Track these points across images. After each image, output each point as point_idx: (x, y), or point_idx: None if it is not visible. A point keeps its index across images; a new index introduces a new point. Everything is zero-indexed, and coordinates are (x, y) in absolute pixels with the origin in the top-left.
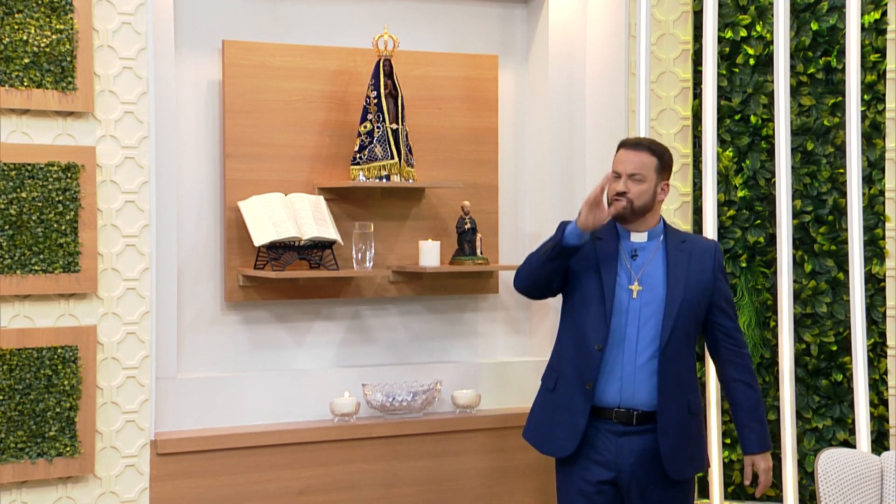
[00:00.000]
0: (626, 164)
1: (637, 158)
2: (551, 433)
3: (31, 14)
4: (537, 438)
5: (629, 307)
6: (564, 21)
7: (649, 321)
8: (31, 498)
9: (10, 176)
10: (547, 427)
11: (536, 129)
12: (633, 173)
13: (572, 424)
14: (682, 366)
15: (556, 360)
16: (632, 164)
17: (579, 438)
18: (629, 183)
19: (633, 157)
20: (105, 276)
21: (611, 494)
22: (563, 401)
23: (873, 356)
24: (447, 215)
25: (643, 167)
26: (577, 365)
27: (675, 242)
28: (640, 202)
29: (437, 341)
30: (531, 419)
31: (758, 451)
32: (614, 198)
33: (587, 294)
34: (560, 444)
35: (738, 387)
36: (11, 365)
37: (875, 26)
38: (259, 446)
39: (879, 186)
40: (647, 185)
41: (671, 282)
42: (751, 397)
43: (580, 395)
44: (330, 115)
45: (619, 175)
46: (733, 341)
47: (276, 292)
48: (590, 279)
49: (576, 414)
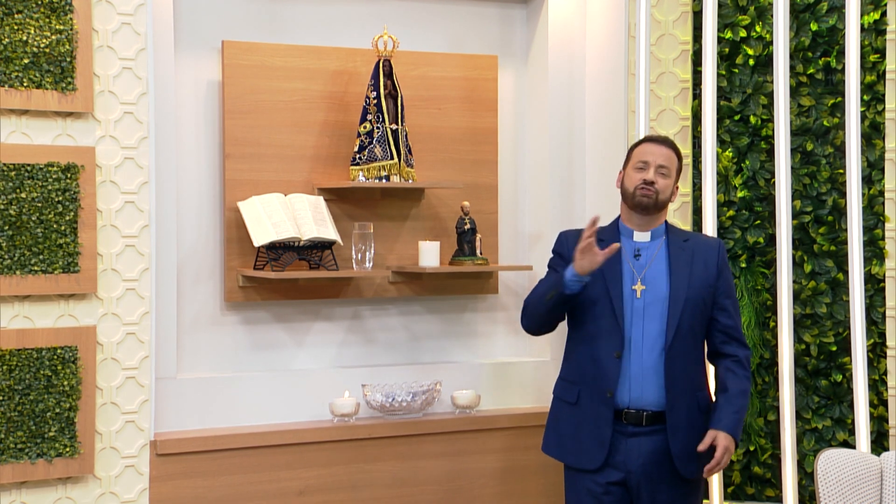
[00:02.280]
0: (655, 156)
1: (665, 152)
2: (580, 447)
3: (31, 14)
4: (562, 452)
5: (633, 307)
6: (564, 21)
7: (654, 321)
8: (30, 498)
9: (10, 176)
10: (574, 441)
11: (536, 129)
12: (662, 164)
13: (599, 435)
14: (689, 364)
15: (576, 374)
16: (661, 157)
17: (608, 448)
18: (657, 175)
19: (661, 151)
20: (105, 277)
21: (619, 495)
22: (588, 414)
23: (873, 356)
24: (447, 215)
25: (670, 161)
26: (596, 375)
27: (678, 241)
28: (664, 197)
29: (437, 341)
30: (552, 434)
31: (726, 430)
32: (642, 188)
33: (594, 299)
34: (590, 457)
35: (729, 375)
36: (11, 365)
37: (875, 27)
38: (259, 446)
39: (879, 187)
40: (670, 181)
41: (674, 280)
42: (738, 385)
43: (603, 405)
44: (330, 115)
45: (647, 165)
46: (732, 340)
47: (275, 293)
48: (595, 284)
49: (601, 425)
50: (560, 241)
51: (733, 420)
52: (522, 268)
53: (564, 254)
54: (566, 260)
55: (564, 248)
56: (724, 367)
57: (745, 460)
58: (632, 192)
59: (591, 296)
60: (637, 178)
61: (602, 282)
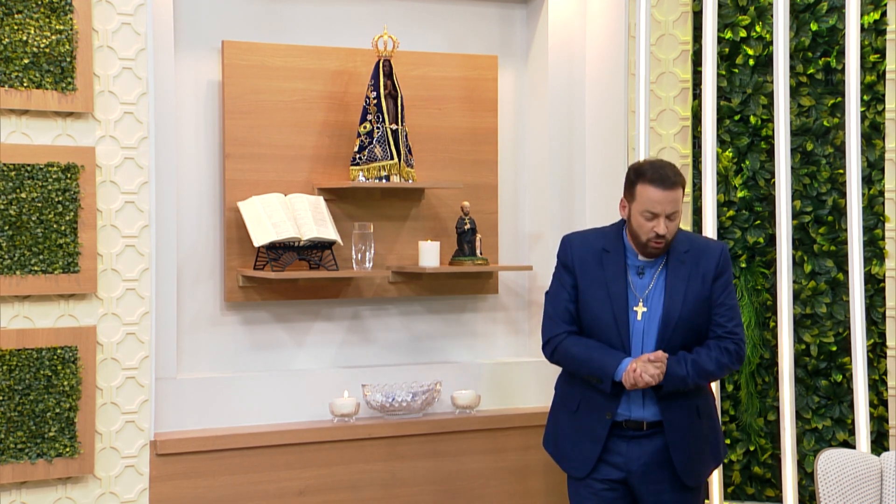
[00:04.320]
0: (664, 206)
1: (673, 197)
2: (571, 454)
3: (31, 14)
4: (556, 452)
5: (633, 329)
6: (564, 21)
7: (651, 341)
8: (30, 498)
9: (10, 176)
10: (568, 446)
11: (536, 129)
12: (671, 213)
13: (589, 450)
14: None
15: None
16: (670, 205)
17: (594, 462)
18: (667, 223)
19: (669, 197)
20: (105, 277)
21: (621, 492)
22: (585, 426)
23: (873, 356)
24: (447, 216)
25: (677, 203)
26: (596, 394)
27: (678, 254)
28: (672, 236)
29: (437, 341)
30: (552, 431)
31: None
32: (655, 241)
33: (599, 319)
34: (576, 465)
35: (702, 349)
36: (11, 365)
37: (875, 27)
38: (259, 447)
39: (879, 187)
40: (678, 219)
41: (668, 300)
42: (702, 355)
43: (599, 424)
44: (330, 115)
45: (655, 216)
46: (726, 336)
47: (275, 293)
48: (601, 305)
49: (594, 441)
50: (564, 249)
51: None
52: (522, 268)
53: (569, 264)
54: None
55: (569, 258)
56: (706, 344)
57: (745, 460)
58: (643, 241)
59: (596, 313)
60: (647, 227)
61: (608, 300)
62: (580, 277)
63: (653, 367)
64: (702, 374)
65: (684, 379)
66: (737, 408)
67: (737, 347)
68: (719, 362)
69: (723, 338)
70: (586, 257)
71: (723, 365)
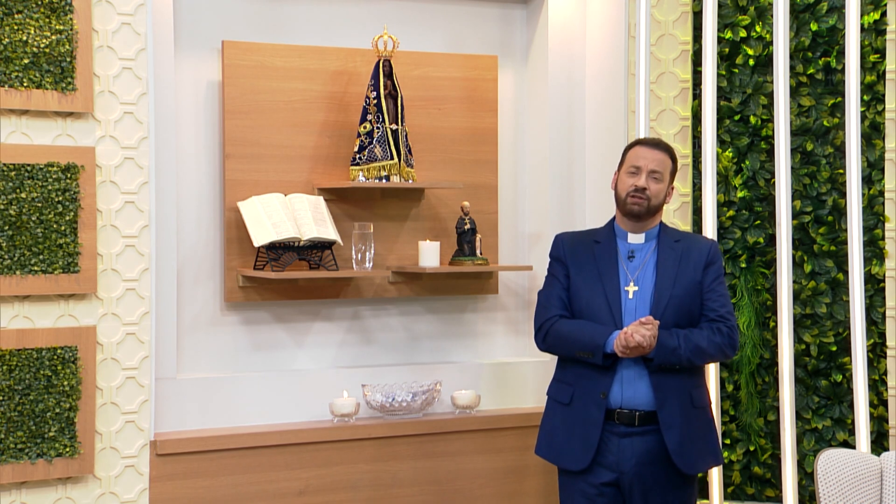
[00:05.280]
0: (647, 161)
1: (658, 157)
2: (568, 447)
3: (31, 14)
4: (551, 452)
5: (626, 308)
6: (564, 22)
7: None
8: (30, 498)
9: (10, 176)
10: (564, 441)
11: (536, 129)
12: (654, 170)
13: (587, 437)
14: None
15: (571, 375)
16: (654, 161)
17: (594, 451)
18: (649, 180)
19: (654, 155)
20: (105, 277)
21: (612, 496)
22: (580, 415)
23: (873, 356)
24: (447, 216)
25: (663, 166)
26: (590, 376)
27: (669, 241)
28: (656, 202)
29: (437, 342)
30: (544, 435)
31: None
32: (633, 195)
33: (591, 303)
34: (576, 457)
35: (694, 329)
36: (11, 365)
37: (875, 27)
38: (259, 447)
39: (879, 187)
40: (663, 185)
41: (659, 280)
42: (698, 337)
43: (594, 406)
44: (329, 115)
45: (638, 170)
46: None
47: (275, 293)
48: (592, 289)
49: (591, 426)
50: (556, 245)
51: (669, 347)
52: (522, 268)
53: (561, 256)
54: (563, 264)
55: (562, 251)
56: (698, 326)
57: (745, 460)
58: (623, 198)
59: (588, 297)
60: (629, 183)
61: (599, 284)
62: (572, 266)
63: (644, 329)
64: (693, 350)
65: (675, 350)
66: (737, 408)
67: (729, 331)
68: (711, 340)
69: (715, 321)
70: (578, 249)
71: (715, 343)
